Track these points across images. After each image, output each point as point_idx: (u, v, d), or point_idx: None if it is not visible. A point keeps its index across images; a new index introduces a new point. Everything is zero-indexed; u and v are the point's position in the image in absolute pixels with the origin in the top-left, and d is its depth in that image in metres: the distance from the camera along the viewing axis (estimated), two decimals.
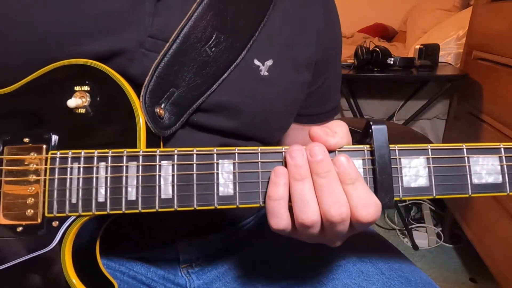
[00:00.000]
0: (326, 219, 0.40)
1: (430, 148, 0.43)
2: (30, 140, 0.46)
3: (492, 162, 0.43)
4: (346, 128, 0.44)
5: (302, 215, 0.40)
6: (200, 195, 0.43)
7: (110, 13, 0.49)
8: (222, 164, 0.43)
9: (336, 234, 0.42)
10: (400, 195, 0.43)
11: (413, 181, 0.43)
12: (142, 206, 0.43)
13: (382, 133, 0.42)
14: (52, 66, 0.48)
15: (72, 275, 0.45)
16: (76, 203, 0.44)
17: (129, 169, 0.44)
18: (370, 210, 0.40)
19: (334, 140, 0.42)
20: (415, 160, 0.43)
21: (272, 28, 0.57)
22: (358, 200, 0.40)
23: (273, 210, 0.41)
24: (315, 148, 0.41)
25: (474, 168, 0.43)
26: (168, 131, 0.51)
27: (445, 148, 0.43)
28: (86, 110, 0.47)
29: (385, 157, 0.41)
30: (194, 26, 0.50)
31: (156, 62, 0.49)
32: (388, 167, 0.41)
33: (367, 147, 0.43)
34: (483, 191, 0.43)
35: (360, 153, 0.43)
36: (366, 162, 0.43)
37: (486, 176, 0.43)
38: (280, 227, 0.41)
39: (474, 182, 0.43)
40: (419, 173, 0.43)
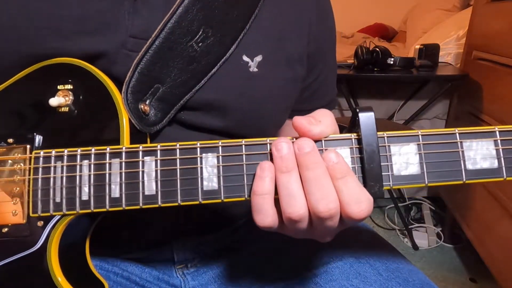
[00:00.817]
0: (314, 214, 0.39)
1: (420, 134, 0.42)
2: (14, 140, 0.46)
3: (487, 146, 0.42)
4: (331, 117, 0.43)
5: (289, 209, 0.39)
6: (184, 190, 0.42)
7: (90, 15, 0.49)
8: (206, 158, 0.42)
9: (325, 229, 0.41)
10: (390, 184, 0.41)
11: (403, 169, 0.41)
12: (126, 203, 0.42)
13: (369, 121, 0.40)
14: (35, 66, 0.48)
15: (58, 273, 0.45)
16: (60, 202, 0.43)
17: (112, 166, 0.43)
18: (362, 206, 0.39)
19: (318, 128, 0.41)
20: (405, 147, 0.41)
21: (262, 22, 0.56)
22: (350, 196, 0.39)
23: (258, 205, 0.40)
24: (302, 142, 0.40)
25: (468, 153, 0.41)
26: (155, 127, 0.50)
27: (436, 134, 0.42)
28: (69, 109, 0.46)
29: (373, 145, 0.40)
30: (179, 21, 0.49)
31: (138, 58, 0.48)
32: (377, 155, 0.40)
33: (355, 136, 0.42)
34: (478, 176, 0.41)
35: (347, 142, 0.42)
36: (353, 151, 0.42)
37: (481, 161, 0.41)
38: (265, 224, 0.40)
39: (468, 167, 0.41)
40: (410, 161, 0.41)
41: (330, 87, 0.73)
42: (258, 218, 0.40)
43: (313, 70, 0.65)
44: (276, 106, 0.60)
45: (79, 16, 0.48)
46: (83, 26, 0.48)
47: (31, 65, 0.48)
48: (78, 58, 0.48)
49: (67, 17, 0.48)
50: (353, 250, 0.60)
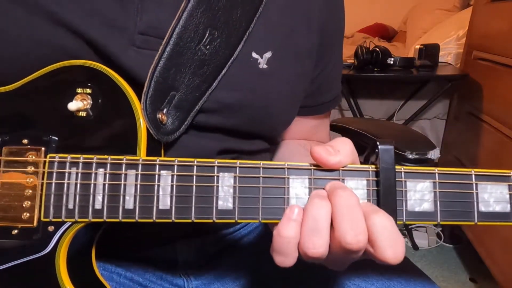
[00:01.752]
0: (341, 245, 0.37)
1: (437, 172, 0.42)
2: (29, 141, 0.46)
3: (501, 190, 0.42)
4: (350, 146, 0.42)
5: (309, 244, 0.38)
6: (198, 207, 0.42)
7: (99, 10, 0.48)
8: (222, 177, 0.42)
9: (346, 261, 0.40)
10: (403, 219, 0.41)
11: (417, 205, 0.41)
12: (139, 216, 0.43)
13: (388, 154, 0.40)
14: (54, 66, 0.47)
15: (66, 281, 0.45)
16: (72, 209, 0.43)
17: (128, 177, 0.43)
18: (398, 250, 0.37)
19: (336, 159, 0.41)
20: (421, 184, 0.42)
21: (270, 18, 0.55)
22: (384, 236, 0.37)
23: (281, 248, 0.38)
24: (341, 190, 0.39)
25: (482, 195, 0.42)
26: (172, 136, 0.50)
27: (452, 173, 0.42)
28: (87, 113, 0.46)
29: (390, 179, 0.40)
30: (185, 25, 0.48)
31: (153, 66, 0.47)
32: (393, 190, 0.40)
33: (372, 167, 0.42)
34: (490, 219, 0.42)
35: (364, 173, 0.42)
36: (370, 183, 0.42)
37: (494, 204, 0.42)
38: (285, 265, 0.39)
39: (481, 210, 0.42)
40: (425, 198, 0.41)
41: (335, 82, 0.72)
42: (279, 259, 0.39)
43: (319, 64, 0.65)
44: (286, 102, 0.60)
45: (87, 11, 0.48)
46: (91, 21, 0.48)
47: (37, 63, 0.47)
48: (86, 54, 0.48)
49: (76, 11, 0.48)
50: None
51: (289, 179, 0.42)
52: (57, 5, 0.47)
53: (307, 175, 0.42)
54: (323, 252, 0.38)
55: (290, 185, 0.42)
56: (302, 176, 0.42)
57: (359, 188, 0.41)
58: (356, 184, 0.41)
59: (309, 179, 0.42)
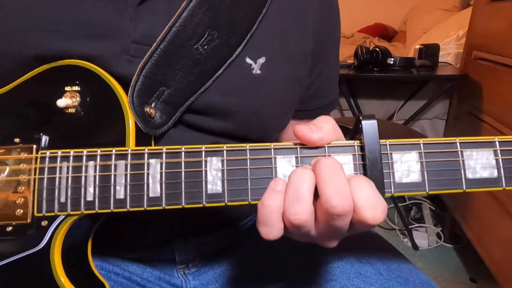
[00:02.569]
0: (327, 211, 0.37)
1: (422, 143, 0.42)
2: (21, 140, 0.46)
3: (487, 156, 0.42)
4: (333, 123, 0.43)
5: (291, 210, 0.38)
6: (188, 192, 0.42)
7: (93, 20, 0.49)
8: (210, 162, 0.42)
9: (334, 231, 0.40)
10: (392, 191, 0.42)
11: (405, 176, 0.42)
12: (130, 205, 0.43)
13: (372, 128, 0.41)
14: (43, 67, 0.48)
15: (60, 273, 0.45)
16: (65, 202, 0.44)
17: (118, 168, 0.43)
18: (377, 211, 0.38)
19: (319, 135, 0.41)
20: (407, 155, 0.42)
21: (265, 22, 0.55)
22: (365, 200, 0.38)
23: (265, 217, 0.39)
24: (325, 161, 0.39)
25: (468, 163, 0.42)
26: (160, 130, 0.50)
27: (438, 142, 0.42)
28: (76, 110, 0.47)
29: (375, 152, 0.40)
30: (184, 24, 0.49)
31: (143, 62, 0.48)
32: (379, 163, 0.40)
33: (357, 143, 0.42)
34: (478, 186, 0.42)
35: (350, 149, 0.42)
36: (356, 158, 0.42)
37: (481, 170, 0.42)
38: (270, 237, 0.39)
39: (469, 176, 0.42)
40: (411, 168, 0.42)
41: (331, 86, 0.72)
42: (264, 230, 0.39)
43: (314, 69, 0.65)
44: (279, 108, 0.60)
45: (82, 20, 0.49)
46: (85, 30, 0.48)
47: (32, 67, 0.48)
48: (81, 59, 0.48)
49: (71, 21, 0.48)
50: (354, 250, 0.60)
51: (276, 159, 0.42)
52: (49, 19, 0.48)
53: (293, 154, 0.42)
54: (306, 218, 0.38)
55: (278, 165, 0.42)
56: (289, 155, 0.42)
57: (345, 163, 0.42)
58: (342, 160, 0.42)
59: (296, 157, 0.42)
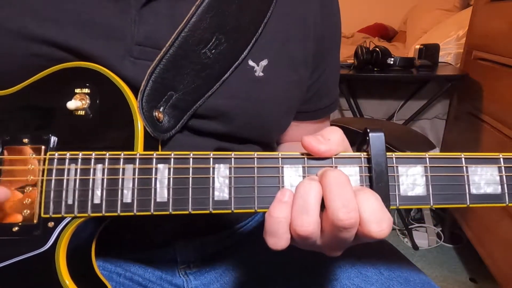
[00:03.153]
0: (333, 223, 0.37)
1: (428, 157, 0.43)
2: (29, 141, 0.46)
3: (491, 172, 0.43)
4: (340, 135, 0.43)
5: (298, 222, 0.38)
6: (195, 199, 0.43)
7: (96, 21, 0.49)
8: (218, 169, 0.43)
9: (339, 242, 0.40)
10: (397, 204, 0.42)
11: (410, 189, 0.42)
12: (137, 209, 0.43)
13: (379, 141, 0.41)
14: (53, 69, 0.48)
15: (65, 276, 0.45)
16: (72, 204, 0.44)
17: (126, 172, 0.43)
18: (383, 225, 0.38)
19: (326, 147, 0.41)
20: (412, 169, 0.42)
21: (268, 26, 0.56)
22: (371, 213, 0.38)
23: (272, 228, 0.39)
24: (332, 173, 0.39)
25: (473, 178, 0.43)
26: (168, 134, 0.50)
27: (443, 157, 0.43)
28: (85, 112, 0.47)
29: (382, 165, 0.41)
30: (193, 29, 0.49)
31: (152, 67, 0.48)
32: (385, 175, 0.41)
33: (364, 155, 0.42)
34: (481, 201, 0.43)
35: (356, 161, 0.43)
36: (362, 170, 0.42)
37: (485, 186, 0.43)
38: (278, 247, 0.39)
39: (472, 192, 0.43)
40: (417, 182, 0.42)
41: (332, 88, 0.72)
42: (272, 241, 0.39)
43: (315, 71, 0.65)
44: (281, 109, 0.61)
45: (85, 21, 0.49)
46: (89, 31, 0.49)
47: (34, 67, 0.48)
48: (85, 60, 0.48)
49: (74, 22, 0.49)
50: (355, 250, 0.60)
51: (283, 168, 0.42)
52: (53, 21, 0.48)
53: (301, 164, 0.43)
54: (312, 230, 0.38)
55: (285, 174, 0.42)
56: (296, 165, 0.43)
57: (352, 175, 0.42)
58: (349, 171, 0.42)
59: (303, 167, 0.42)
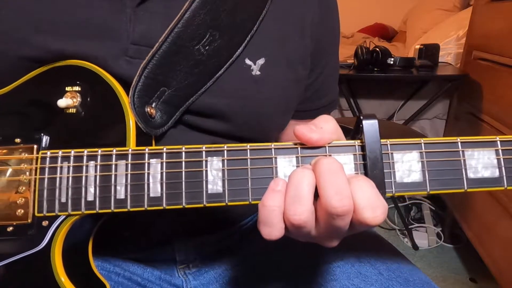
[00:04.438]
0: (327, 211, 0.37)
1: (423, 142, 0.42)
2: (21, 140, 0.46)
3: (488, 155, 0.42)
4: (333, 123, 0.43)
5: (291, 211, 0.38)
6: (188, 192, 0.42)
7: (91, 21, 0.49)
8: (211, 162, 0.42)
9: (334, 231, 0.39)
10: (393, 191, 0.41)
11: (406, 176, 0.41)
12: (131, 205, 0.43)
13: (373, 128, 0.40)
14: (43, 68, 0.48)
15: (61, 274, 0.45)
16: (65, 202, 0.44)
17: (118, 168, 0.43)
18: (377, 212, 0.37)
19: (318, 135, 0.41)
20: (408, 155, 0.42)
21: (264, 24, 0.55)
22: (365, 200, 0.37)
23: (266, 217, 0.38)
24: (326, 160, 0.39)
25: (470, 162, 0.42)
26: (160, 129, 0.50)
27: (439, 142, 0.42)
28: (76, 110, 0.47)
29: (376, 151, 0.40)
30: (187, 25, 0.49)
31: (144, 62, 0.48)
32: (380, 162, 0.40)
33: (358, 142, 0.42)
34: (479, 185, 0.42)
35: (351, 148, 0.42)
36: (357, 158, 0.42)
37: (482, 170, 0.42)
38: (272, 237, 0.39)
39: (470, 176, 0.42)
40: (412, 168, 0.42)
41: (331, 87, 0.72)
42: (265, 230, 0.39)
43: (314, 70, 0.65)
44: (278, 109, 0.60)
45: (80, 21, 0.49)
46: (84, 32, 0.48)
47: (30, 68, 0.48)
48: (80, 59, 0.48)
49: (69, 22, 0.48)
50: (354, 250, 0.60)
51: (277, 159, 0.42)
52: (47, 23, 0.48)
53: (294, 154, 0.42)
54: (306, 219, 0.38)
55: (278, 165, 0.42)
56: (290, 155, 0.42)
57: (346, 163, 0.41)
58: (343, 159, 0.42)
59: (297, 157, 0.42)
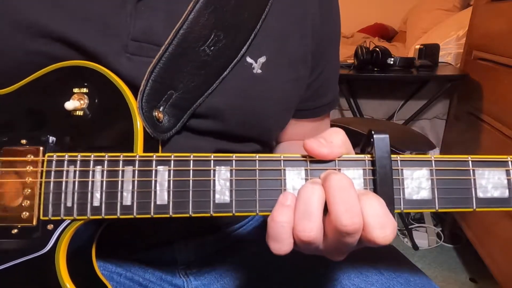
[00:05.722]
0: (336, 228, 0.36)
1: (433, 160, 0.42)
2: (28, 141, 0.46)
3: (499, 175, 0.41)
4: (343, 136, 0.42)
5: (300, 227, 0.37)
6: (196, 202, 0.42)
7: (91, 17, 0.48)
8: (219, 171, 0.42)
9: (342, 247, 0.39)
10: (401, 208, 0.41)
11: (415, 193, 0.41)
12: (137, 212, 0.42)
13: (384, 143, 0.40)
14: (51, 68, 0.47)
15: (66, 278, 0.45)
16: (71, 207, 0.43)
17: (125, 174, 0.43)
18: (387, 231, 0.37)
19: (328, 150, 0.40)
20: (417, 172, 0.41)
21: (265, 23, 0.55)
22: (374, 218, 0.37)
23: (275, 233, 0.38)
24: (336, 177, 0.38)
25: (480, 182, 0.41)
26: (168, 133, 0.50)
27: (449, 160, 0.42)
28: (84, 113, 0.46)
29: (386, 167, 0.40)
30: (191, 26, 0.48)
31: (151, 66, 0.47)
32: (389, 178, 0.40)
33: (368, 157, 0.41)
34: (488, 205, 0.41)
35: (360, 163, 0.41)
36: (366, 172, 0.41)
37: (492, 190, 0.41)
38: (281, 252, 0.38)
39: (479, 196, 0.41)
40: (422, 185, 0.41)
41: (332, 86, 0.72)
42: (275, 246, 0.38)
43: (315, 69, 0.64)
44: (279, 107, 0.60)
45: (81, 17, 0.48)
46: (85, 28, 0.48)
47: (29, 64, 0.48)
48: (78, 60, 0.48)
49: (69, 18, 0.48)
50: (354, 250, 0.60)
51: (285, 171, 0.42)
52: (48, 16, 0.48)
53: (303, 167, 0.42)
54: (315, 236, 0.37)
55: (287, 177, 0.41)
56: (298, 168, 0.42)
57: (355, 178, 0.41)
58: (352, 174, 0.41)
59: (305, 170, 0.42)
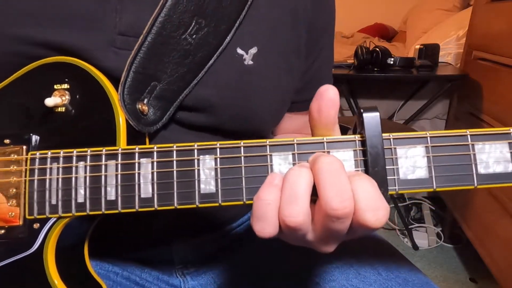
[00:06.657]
0: (326, 213, 0.34)
1: (429, 136, 0.39)
2: (11, 141, 0.45)
3: (501, 149, 0.38)
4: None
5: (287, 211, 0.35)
6: (180, 193, 0.40)
7: (76, 12, 0.48)
8: (203, 160, 0.40)
9: (331, 235, 0.37)
10: (396, 188, 0.38)
11: (410, 172, 0.38)
12: (121, 206, 0.41)
13: (374, 121, 0.37)
14: (32, 65, 0.47)
15: (54, 276, 0.44)
16: (56, 204, 0.43)
17: (108, 168, 0.42)
18: (379, 214, 0.34)
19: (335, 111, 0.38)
20: (412, 150, 0.39)
21: (256, 12, 0.54)
22: (366, 201, 0.34)
23: (260, 211, 0.36)
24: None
25: (480, 157, 0.38)
26: (154, 127, 0.49)
27: (446, 135, 0.39)
28: (66, 109, 0.46)
29: (377, 147, 0.37)
30: (170, 13, 0.47)
31: (131, 57, 0.46)
32: (381, 158, 0.37)
33: (358, 137, 0.39)
34: (491, 181, 0.38)
35: (350, 144, 0.39)
36: (357, 154, 0.39)
37: (494, 165, 0.38)
38: (265, 233, 0.36)
39: (480, 172, 0.38)
40: (417, 164, 0.38)
41: (326, 77, 0.70)
42: (258, 226, 0.36)
43: (308, 59, 0.63)
44: (272, 99, 0.59)
45: (65, 14, 0.47)
46: (69, 25, 0.47)
47: (14, 64, 0.47)
48: (66, 52, 0.47)
49: (53, 14, 0.47)
50: (353, 250, 0.60)
51: (272, 156, 0.40)
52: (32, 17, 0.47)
53: (290, 151, 0.40)
54: (302, 221, 0.35)
55: (274, 162, 0.40)
56: (286, 152, 0.40)
57: (346, 160, 0.39)
58: (342, 156, 0.39)
59: (293, 154, 0.40)
